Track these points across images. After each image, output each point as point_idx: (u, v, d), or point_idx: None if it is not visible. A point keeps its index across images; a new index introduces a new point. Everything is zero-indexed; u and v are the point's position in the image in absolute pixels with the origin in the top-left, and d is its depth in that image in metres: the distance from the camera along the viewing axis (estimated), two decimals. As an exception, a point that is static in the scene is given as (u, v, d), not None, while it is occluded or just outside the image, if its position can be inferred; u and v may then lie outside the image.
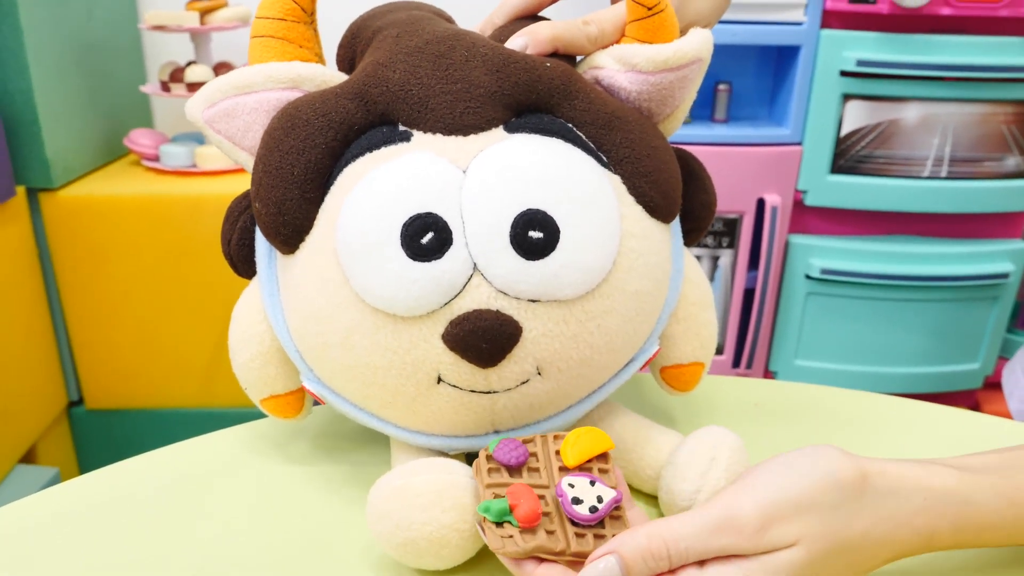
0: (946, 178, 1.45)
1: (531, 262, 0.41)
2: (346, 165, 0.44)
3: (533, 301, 0.41)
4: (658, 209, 0.46)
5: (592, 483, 0.39)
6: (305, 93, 0.45)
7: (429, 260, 0.40)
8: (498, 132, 0.43)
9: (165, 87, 1.43)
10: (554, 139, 0.44)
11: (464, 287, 0.41)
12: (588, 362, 0.44)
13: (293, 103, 0.44)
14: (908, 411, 0.61)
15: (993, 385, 1.62)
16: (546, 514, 0.39)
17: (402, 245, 0.41)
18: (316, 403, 0.51)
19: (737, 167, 1.46)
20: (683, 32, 0.47)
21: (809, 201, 1.48)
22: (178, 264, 1.39)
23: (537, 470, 0.41)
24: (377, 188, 0.42)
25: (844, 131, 1.43)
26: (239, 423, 0.58)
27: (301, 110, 0.44)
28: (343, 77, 0.46)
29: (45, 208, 1.35)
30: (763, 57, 1.55)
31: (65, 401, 1.47)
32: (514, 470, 0.41)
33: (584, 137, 0.45)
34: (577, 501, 0.38)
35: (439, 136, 0.43)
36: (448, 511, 0.40)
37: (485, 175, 0.41)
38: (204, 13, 1.41)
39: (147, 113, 1.70)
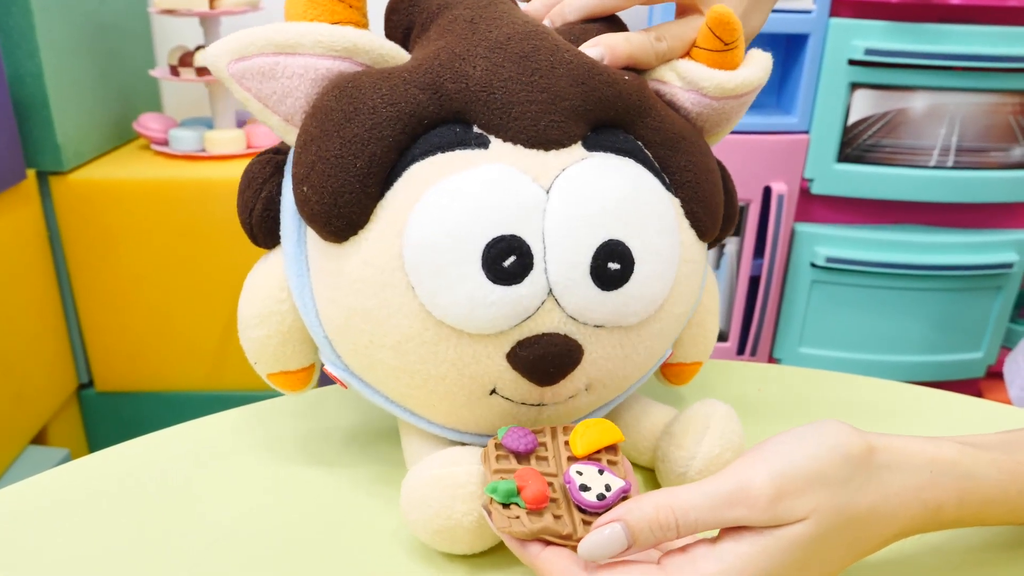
0: (952, 168, 1.45)
1: (606, 292, 0.41)
2: (413, 162, 0.40)
3: (598, 327, 0.42)
4: (707, 233, 0.46)
5: (601, 472, 0.39)
6: (360, 67, 0.42)
7: (509, 284, 0.39)
8: (578, 150, 0.42)
9: (174, 71, 1.44)
10: (629, 160, 0.43)
11: (537, 311, 0.40)
12: (630, 378, 0.46)
13: (353, 82, 0.41)
14: (911, 396, 0.62)
15: (996, 374, 1.62)
16: (553, 500, 0.39)
17: (483, 267, 0.39)
18: (322, 379, 0.51)
19: (744, 155, 1.46)
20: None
21: (815, 190, 1.48)
22: (187, 248, 1.40)
23: (546, 459, 0.41)
24: (457, 199, 0.39)
25: (851, 120, 1.43)
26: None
27: (365, 93, 0.40)
28: (401, 52, 0.43)
29: (55, 191, 1.35)
30: (772, 45, 1.54)
31: (75, 383, 1.48)
32: (522, 457, 0.41)
33: (652, 157, 0.44)
34: (585, 488, 0.38)
35: (520, 148, 0.40)
36: (480, 497, 0.41)
37: (569, 199, 0.40)
38: (213, -3, 1.41)
39: (156, 97, 1.71)
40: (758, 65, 0.46)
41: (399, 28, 0.46)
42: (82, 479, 0.50)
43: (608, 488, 0.39)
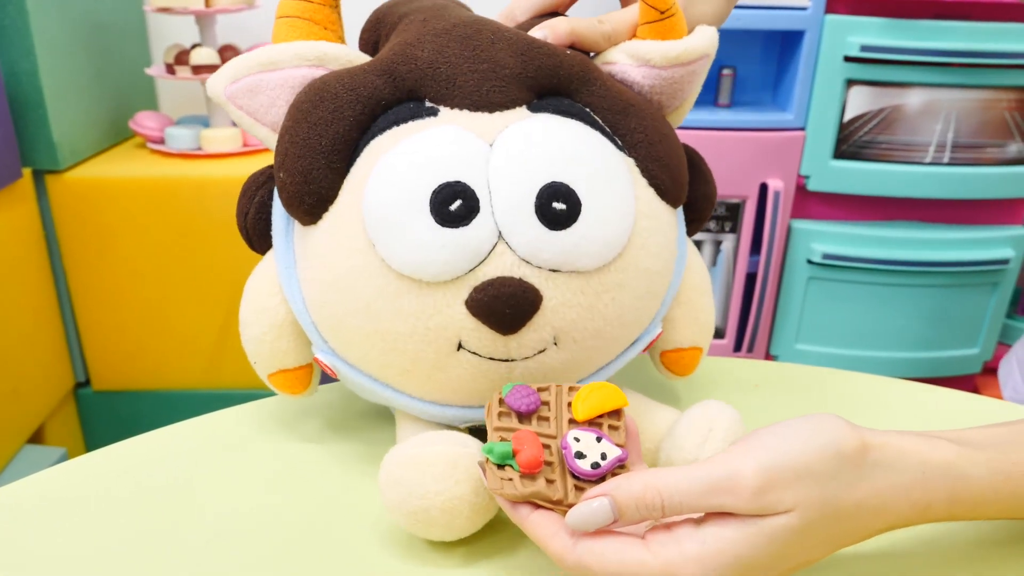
0: (948, 164, 1.46)
1: (554, 232, 0.43)
2: (372, 138, 0.45)
3: (554, 271, 0.43)
4: (668, 193, 0.48)
5: (599, 439, 0.40)
6: (331, 71, 0.46)
7: (457, 227, 0.42)
8: (522, 111, 0.45)
9: (170, 69, 1.44)
10: (574, 120, 0.46)
11: (489, 254, 0.42)
12: (601, 333, 0.46)
13: (321, 78, 0.46)
14: (908, 392, 0.62)
15: (992, 371, 1.63)
16: (548, 463, 0.39)
17: (431, 211, 0.42)
18: (323, 381, 0.52)
19: (740, 152, 1.46)
20: (689, 32, 0.50)
21: (811, 186, 1.49)
22: (184, 246, 1.40)
23: (547, 419, 0.41)
24: (407, 157, 0.43)
25: (847, 116, 1.43)
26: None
27: (330, 84, 0.45)
28: (367, 58, 0.48)
29: (51, 190, 1.35)
30: (767, 42, 1.55)
31: (72, 382, 1.48)
32: (524, 417, 0.41)
33: (600, 121, 0.47)
34: (580, 456, 0.39)
35: (466, 112, 0.45)
36: (461, 482, 0.42)
37: (511, 148, 0.43)
38: (209, -5, 1.41)
39: (152, 95, 1.71)
40: (701, 34, 0.49)
41: (369, 44, 0.52)
42: (79, 478, 0.50)
43: (604, 456, 0.39)
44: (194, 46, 1.44)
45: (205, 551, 0.44)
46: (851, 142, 1.45)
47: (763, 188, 1.49)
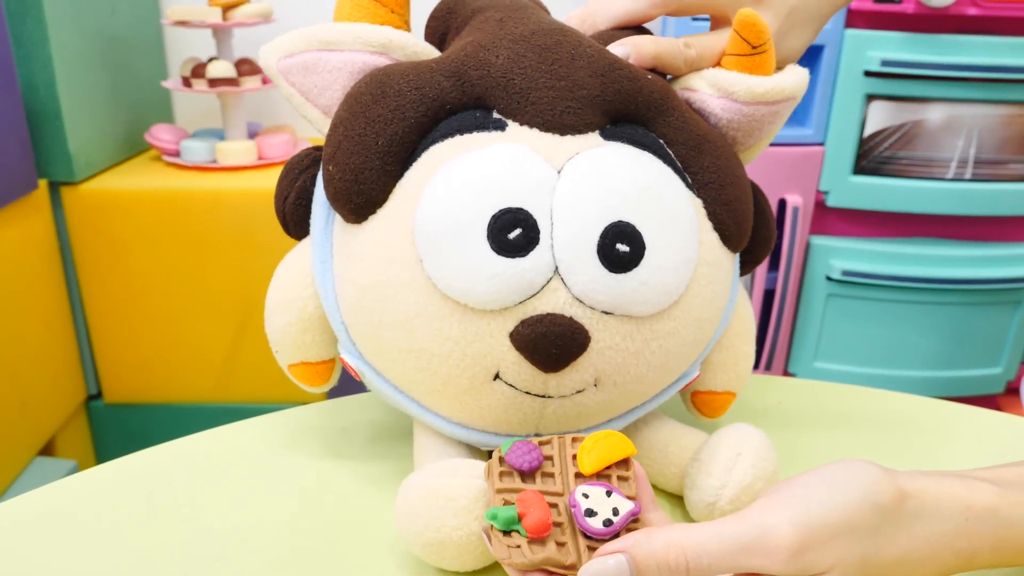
0: (970, 180, 1.44)
1: (614, 275, 0.40)
2: (432, 144, 0.42)
3: (606, 313, 0.41)
4: (732, 239, 0.46)
5: (609, 493, 0.37)
6: (394, 61, 0.44)
7: (513, 256, 0.39)
8: (594, 137, 0.43)
9: (186, 82, 1.44)
10: (647, 153, 0.43)
11: (542, 289, 0.40)
12: (642, 379, 0.44)
13: (384, 70, 0.43)
14: (933, 411, 0.61)
15: (1016, 390, 1.60)
16: (558, 524, 0.36)
17: (488, 237, 0.40)
18: (342, 376, 0.50)
19: (758, 167, 1.45)
20: (778, 66, 0.47)
21: (831, 202, 1.47)
22: (198, 259, 1.39)
23: (552, 475, 0.38)
24: (469, 174, 0.40)
25: (867, 132, 1.42)
26: (258, 417, 0.58)
27: (393, 78, 0.42)
28: (434, 50, 0.45)
29: (67, 202, 1.35)
30: (785, 57, 1.54)
31: (84, 395, 1.47)
32: (527, 475, 0.38)
33: (673, 156, 0.44)
34: (591, 513, 0.36)
35: (536, 131, 0.42)
36: (480, 519, 0.40)
37: (580, 179, 0.41)
38: (226, 9, 1.41)
39: (168, 108, 1.71)
40: (792, 73, 0.46)
41: (436, 33, 0.49)
42: (90, 490, 0.50)
43: (616, 512, 0.36)
44: (211, 59, 1.45)
45: (214, 566, 0.43)
46: (871, 157, 1.44)
47: (782, 204, 1.47)
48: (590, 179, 0.41)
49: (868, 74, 1.37)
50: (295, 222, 0.48)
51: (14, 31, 1.23)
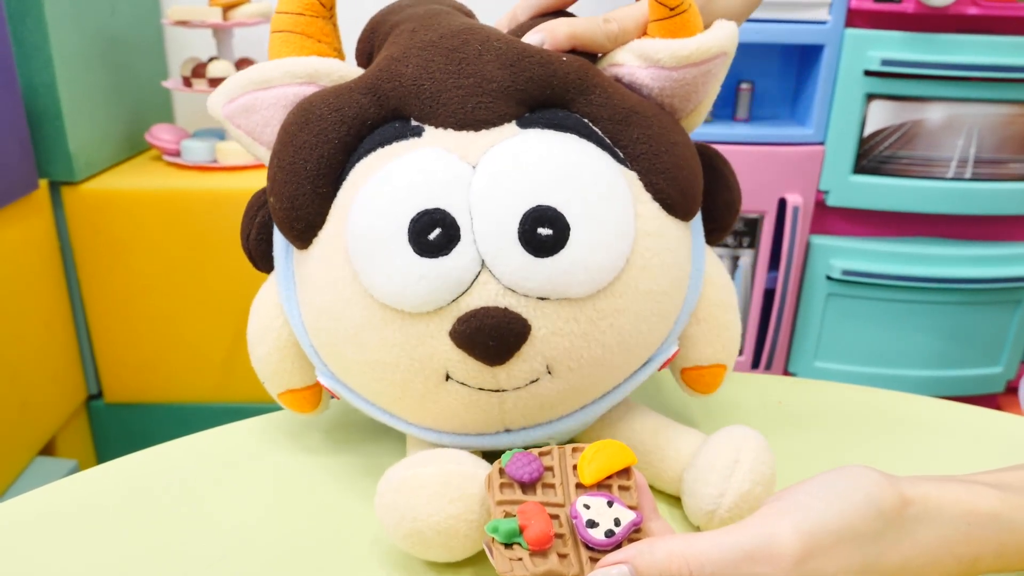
0: (970, 179, 1.44)
1: (539, 259, 0.40)
2: (358, 160, 0.43)
3: (542, 299, 0.41)
4: (675, 206, 0.45)
5: (610, 504, 0.37)
6: (322, 88, 0.45)
7: (436, 256, 0.40)
8: (510, 128, 0.43)
9: (187, 82, 1.44)
10: (568, 135, 0.43)
11: (472, 284, 0.40)
12: (600, 361, 0.43)
13: (308, 98, 0.44)
14: (933, 410, 0.60)
15: (1015, 390, 1.60)
16: (559, 536, 0.36)
17: (409, 241, 0.40)
18: (332, 398, 0.51)
19: (759, 167, 1.45)
20: (708, 27, 0.46)
21: (831, 201, 1.47)
22: (198, 259, 1.39)
23: (553, 486, 0.38)
24: (386, 184, 0.41)
25: (867, 131, 1.42)
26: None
27: (315, 105, 0.44)
28: (360, 72, 0.46)
29: (67, 202, 1.35)
30: (786, 56, 1.54)
31: (84, 394, 1.48)
32: (528, 486, 0.38)
33: (600, 132, 0.44)
34: (592, 524, 0.36)
35: (450, 131, 0.42)
36: (455, 501, 0.40)
37: (494, 171, 0.41)
38: (226, 9, 1.41)
39: (168, 108, 1.71)
40: (718, 29, 0.45)
41: (364, 55, 0.50)
42: (90, 490, 0.50)
43: (617, 522, 0.36)
44: (211, 59, 1.45)
45: (215, 566, 0.43)
46: (871, 157, 1.44)
47: (782, 203, 1.47)
48: (505, 168, 0.41)
49: (868, 73, 1.37)
50: (260, 257, 0.49)
51: (14, 31, 1.23)
